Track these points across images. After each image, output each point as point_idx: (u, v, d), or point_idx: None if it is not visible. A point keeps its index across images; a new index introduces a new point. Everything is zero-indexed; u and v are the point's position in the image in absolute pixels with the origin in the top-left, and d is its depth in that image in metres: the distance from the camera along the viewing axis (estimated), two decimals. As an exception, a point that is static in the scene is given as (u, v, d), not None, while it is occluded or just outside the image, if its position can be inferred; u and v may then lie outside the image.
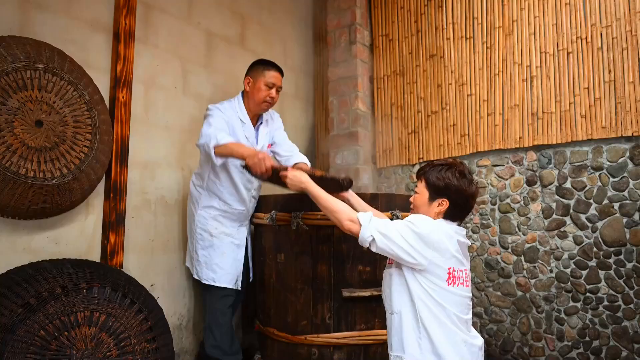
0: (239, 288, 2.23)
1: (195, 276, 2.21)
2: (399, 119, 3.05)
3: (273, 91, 2.19)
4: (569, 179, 2.38)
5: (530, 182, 2.50)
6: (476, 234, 2.66)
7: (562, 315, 2.36)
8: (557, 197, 2.41)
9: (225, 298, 2.20)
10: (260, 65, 2.22)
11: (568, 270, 2.36)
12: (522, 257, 2.49)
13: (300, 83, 3.36)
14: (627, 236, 2.22)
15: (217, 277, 2.16)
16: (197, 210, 2.21)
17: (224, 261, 2.18)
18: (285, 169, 1.83)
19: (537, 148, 2.50)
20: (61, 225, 1.94)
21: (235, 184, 2.19)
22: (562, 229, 2.39)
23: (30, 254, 1.83)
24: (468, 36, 2.77)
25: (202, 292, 2.26)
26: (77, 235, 1.99)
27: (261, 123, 2.32)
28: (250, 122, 2.25)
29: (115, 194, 2.08)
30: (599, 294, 2.27)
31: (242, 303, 2.54)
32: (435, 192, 1.53)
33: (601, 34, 2.32)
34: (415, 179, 2.93)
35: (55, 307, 1.60)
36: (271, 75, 2.19)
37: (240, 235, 2.28)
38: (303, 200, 2.12)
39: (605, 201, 2.28)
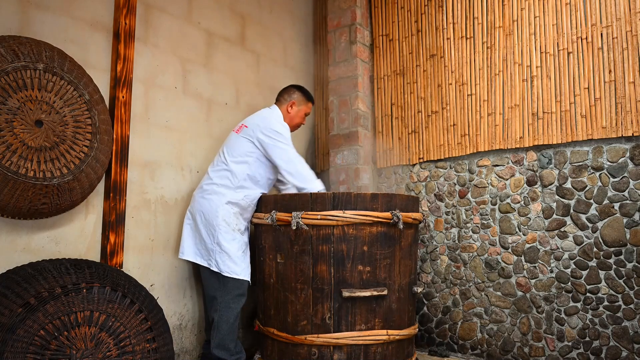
0: (250, 284, 2.28)
1: (214, 269, 2.19)
2: (399, 119, 3.04)
3: (305, 119, 2.60)
4: (569, 179, 2.38)
5: (530, 182, 2.50)
6: (476, 234, 2.66)
7: (562, 315, 2.36)
8: (557, 197, 2.41)
9: (240, 298, 2.22)
10: (305, 96, 2.55)
11: (568, 271, 2.35)
12: (523, 257, 2.49)
13: (300, 83, 3.36)
14: (628, 236, 2.21)
15: (240, 271, 2.20)
16: (221, 204, 2.22)
17: (243, 256, 2.25)
18: None
19: (537, 148, 2.49)
20: (61, 225, 1.94)
21: (268, 186, 2.44)
22: (562, 229, 2.39)
23: (30, 254, 1.83)
24: (468, 36, 2.77)
25: (215, 290, 2.22)
26: (77, 235, 1.99)
27: None
28: None
29: (115, 193, 2.08)
30: (599, 294, 2.27)
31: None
32: None
33: (601, 34, 2.32)
34: (415, 179, 2.94)
35: (55, 307, 1.60)
36: (310, 107, 2.59)
37: (247, 234, 2.35)
38: (303, 200, 2.13)
39: (606, 201, 2.27)
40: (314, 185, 2.29)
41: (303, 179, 2.29)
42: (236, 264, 2.19)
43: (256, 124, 2.34)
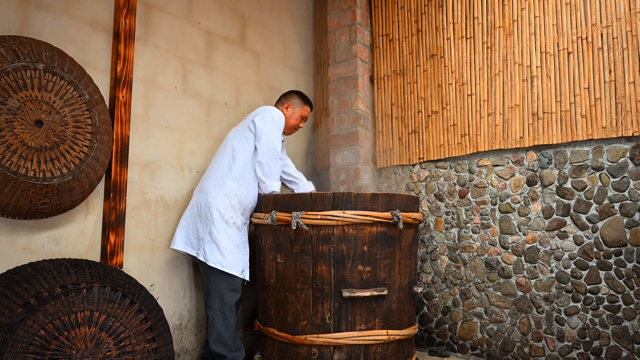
0: (247, 279, 2.26)
1: (201, 258, 2.18)
2: (399, 119, 3.04)
3: (303, 123, 2.63)
4: (569, 179, 2.38)
5: (530, 182, 2.50)
6: (476, 234, 2.66)
7: (563, 315, 2.35)
8: (557, 197, 2.41)
9: (232, 293, 2.20)
10: (302, 99, 2.60)
11: (568, 271, 2.35)
12: (523, 257, 2.49)
13: (300, 83, 3.36)
14: (628, 236, 2.21)
15: (226, 263, 2.17)
16: (218, 195, 2.22)
17: (234, 250, 2.21)
18: None
19: (537, 148, 2.49)
20: (61, 225, 1.94)
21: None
22: (562, 229, 2.39)
23: (30, 254, 1.83)
24: (468, 36, 2.77)
25: (208, 285, 2.21)
26: (77, 235, 1.99)
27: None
28: None
29: (115, 193, 2.08)
30: (599, 294, 2.27)
31: (241, 303, 2.54)
32: None
33: (602, 34, 2.32)
34: (415, 179, 2.94)
35: (55, 307, 1.60)
36: (307, 111, 2.62)
37: (244, 232, 2.33)
38: (303, 200, 2.13)
39: (606, 201, 2.27)
40: (273, 184, 2.33)
41: (269, 173, 2.31)
42: (223, 256, 2.17)
43: (255, 112, 2.41)
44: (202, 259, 2.18)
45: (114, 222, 2.07)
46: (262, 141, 2.30)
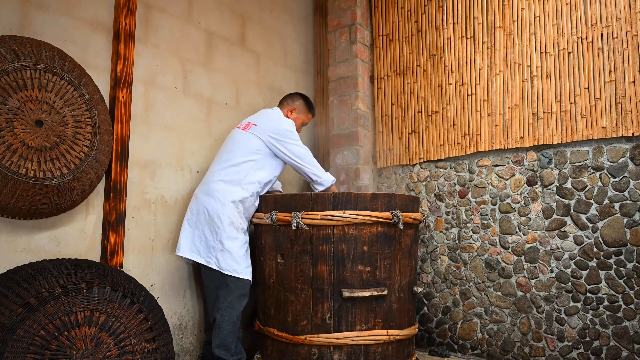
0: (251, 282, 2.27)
1: (213, 266, 2.18)
2: (399, 119, 3.04)
3: (301, 129, 2.64)
4: (570, 179, 2.38)
5: (530, 182, 2.50)
6: (476, 234, 2.66)
7: (563, 315, 2.36)
8: (557, 197, 2.41)
9: (242, 298, 2.20)
10: (307, 106, 2.61)
11: (568, 271, 2.35)
12: (523, 257, 2.49)
13: (300, 83, 3.36)
14: (628, 236, 2.21)
15: (241, 270, 2.18)
16: (227, 202, 2.22)
17: (245, 255, 2.24)
18: None
19: (537, 148, 2.49)
20: (61, 225, 1.94)
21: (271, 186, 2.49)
22: (562, 229, 2.39)
23: (30, 254, 1.83)
24: (468, 36, 2.77)
25: (218, 291, 2.21)
26: (77, 235, 1.99)
27: None
28: None
29: (115, 193, 2.08)
30: (600, 294, 2.27)
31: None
32: None
33: (602, 34, 2.32)
34: (415, 179, 2.94)
35: (55, 307, 1.60)
36: (309, 118, 2.66)
37: (247, 234, 2.33)
38: (303, 200, 2.13)
39: (606, 201, 2.27)
40: (328, 176, 2.45)
41: (318, 170, 2.43)
42: (237, 263, 2.18)
43: (266, 125, 2.38)
44: (215, 267, 2.17)
45: (114, 222, 2.07)
46: (292, 152, 2.37)
